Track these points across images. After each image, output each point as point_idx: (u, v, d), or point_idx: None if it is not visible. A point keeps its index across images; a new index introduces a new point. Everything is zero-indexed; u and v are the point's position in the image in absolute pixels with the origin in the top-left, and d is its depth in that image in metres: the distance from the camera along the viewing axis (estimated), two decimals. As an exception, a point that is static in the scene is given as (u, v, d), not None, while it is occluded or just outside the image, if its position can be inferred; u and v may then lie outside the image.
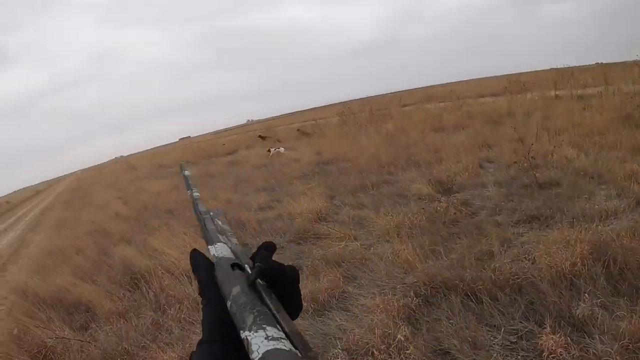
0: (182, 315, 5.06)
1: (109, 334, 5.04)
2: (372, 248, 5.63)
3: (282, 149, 18.47)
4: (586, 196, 5.79)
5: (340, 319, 4.11)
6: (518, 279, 3.95)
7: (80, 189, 34.70)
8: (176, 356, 4.17)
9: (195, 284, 5.40)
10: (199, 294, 0.71)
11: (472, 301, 3.80)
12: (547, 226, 5.15)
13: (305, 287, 4.70)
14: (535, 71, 38.26)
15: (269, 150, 18.38)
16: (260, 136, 29.61)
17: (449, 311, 3.73)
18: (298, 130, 25.34)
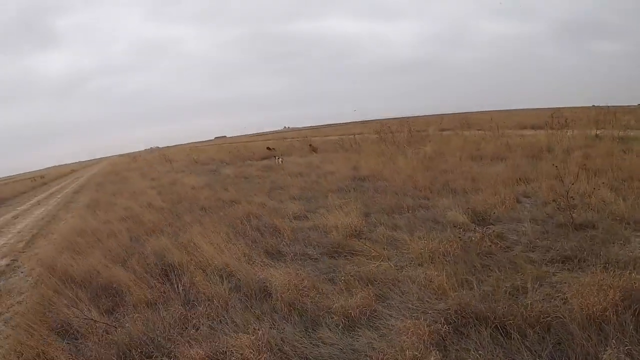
0: (212, 313, 5.13)
1: (136, 321, 5.10)
2: (404, 270, 5.68)
3: (281, 160, 20.96)
4: (621, 242, 5.74)
5: (371, 337, 4.18)
6: (548, 317, 3.97)
7: (114, 174, 35.09)
8: (203, 353, 4.22)
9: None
10: None
11: (502, 335, 3.84)
12: (580, 268, 5.12)
13: (337, 301, 4.80)
14: (577, 107, 37.86)
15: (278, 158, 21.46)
16: (268, 148, 30.21)
17: (478, 342, 3.78)
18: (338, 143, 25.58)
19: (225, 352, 4.19)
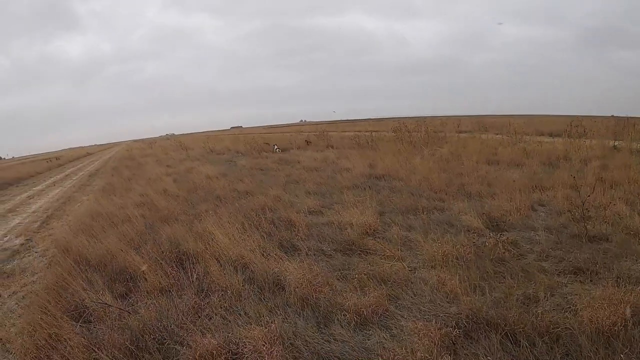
0: (225, 304, 5.18)
1: (150, 308, 5.15)
2: (417, 271, 5.73)
3: (278, 150, 24.27)
4: (634, 257, 5.72)
5: (382, 337, 4.23)
6: (558, 328, 4.00)
7: (130, 159, 35.30)
8: (216, 342, 4.26)
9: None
10: None
11: (511, 343, 3.87)
12: (591, 281, 5.12)
13: (350, 299, 4.85)
14: (596, 116, 37.57)
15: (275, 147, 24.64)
16: (266, 143, 30.51)
17: (488, 348, 3.81)
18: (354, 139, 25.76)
19: (238, 343, 4.24)
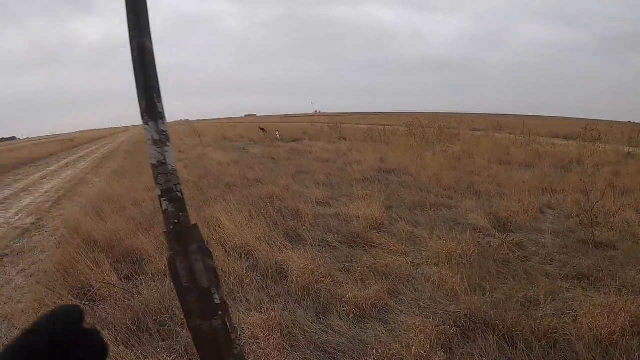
0: (227, 289, 5.24)
1: (153, 290, 5.23)
2: (419, 267, 5.73)
3: (279, 135, 24.87)
4: (640, 267, 5.72)
5: (379, 331, 4.25)
6: (556, 333, 3.98)
7: (142, 143, 35.41)
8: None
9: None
10: None
11: (508, 345, 3.86)
12: (594, 287, 5.09)
13: (351, 291, 4.87)
14: (612, 122, 37.36)
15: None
16: (261, 128, 30.72)
17: (484, 349, 3.81)
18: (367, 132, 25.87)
19: (236, 328, 4.26)
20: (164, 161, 1.24)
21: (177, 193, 1.23)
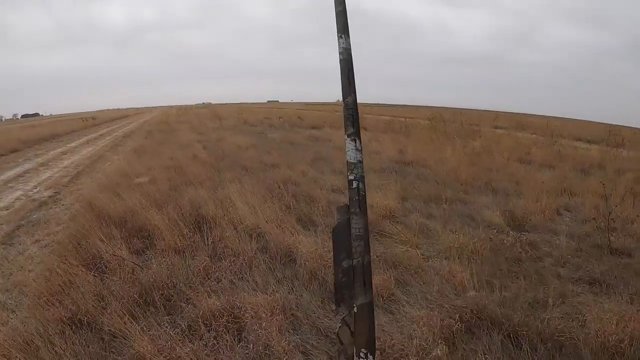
0: (235, 269, 5.26)
1: (162, 265, 5.29)
2: (430, 260, 5.69)
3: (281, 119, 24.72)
4: (654, 275, 5.58)
5: (383, 320, 4.23)
6: (562, 336, 3.91)
7: (164, 123, 35.78)
8: (219, 304, 4.34)
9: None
10: None
11: (512, 344, 3.80)
12: (605, 294, 4.99)
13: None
14: (638, 128, 36.84)
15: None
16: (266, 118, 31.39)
17: (487, 346, 3.75)
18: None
19: (241, 307, 4.28)
20: (361, 160, 1.76)
21: (362, 181, 1.73)
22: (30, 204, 9.98)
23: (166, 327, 4.10)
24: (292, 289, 4.82)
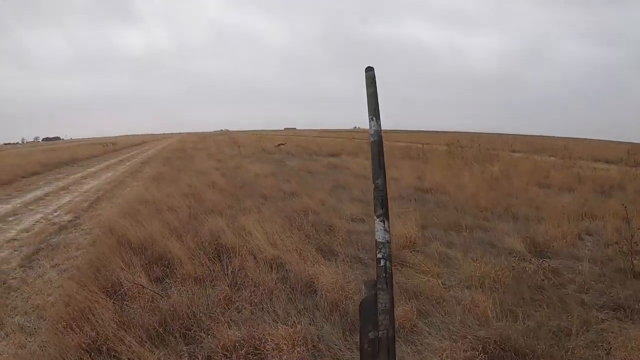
0: (256, 299, 5.23)
1: (182, 294, 5.27)
2: (451, 290, 5.64)
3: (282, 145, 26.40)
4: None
5: (405, 352, 4.19)
6: (587, 366, 3.87)
7: (182, 151, 36.16)
8: (240, 335, 4.32)
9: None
10: None
11: (537, 376, 3.76)
12: (631, 319, 4.91)
13: None
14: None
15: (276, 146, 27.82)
16: (280, 144, 31.50)
17: (512, 378, 3.72)
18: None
19: (261, 339, 4.27)
20: (389, 240, 1.86)
21: (389, 259, 1.84)
22: (50, 227, 10.10)
23: (185, 357, 4.13)
24: (313, 320, 4.77)
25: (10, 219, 11.32)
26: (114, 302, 5.09)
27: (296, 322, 4.57)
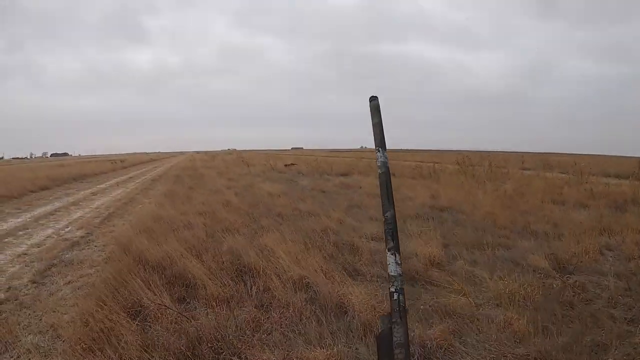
0: (285, 321, 5.13)
1: (208, 316, 5.18)
2: (481, 308, 5.61)
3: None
4: None
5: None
6: (630, 379, 3.87)
7: (192, 169, 36.37)
8: (275, 358, 4.27)
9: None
10: None
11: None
12: (662, 330, 4.91)
13: (414, 330, 4.70)
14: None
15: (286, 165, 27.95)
16: (291, 164, 31.71)
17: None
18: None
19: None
20: (401, 273, 1.98)
21: (402, 293, 1.96)
22: (61, 243, 10.12)
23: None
24: (348, 342, 4.71)
25: (21, 233, 11.39)
26: (137, 324, 4.99)
27: (332, 344, 4.53)
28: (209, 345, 4.58)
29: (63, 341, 4.93)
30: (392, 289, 1.96)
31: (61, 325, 5.29)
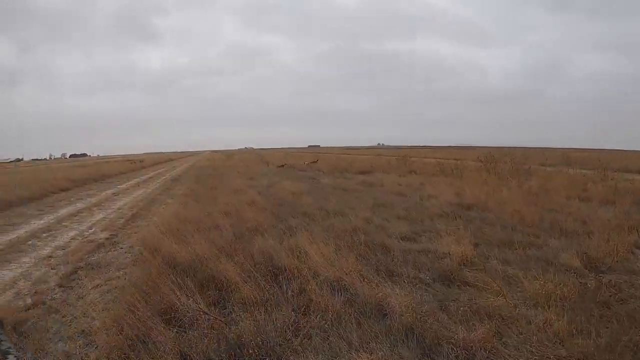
0: (325, 325, 5.03)
1: (247, 320, 5.02)
2: (518, 309, 5.55)
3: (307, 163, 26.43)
4: None
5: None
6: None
7: (211, 168, 36.42)
8: None
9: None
10: None
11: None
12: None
13: (457, 333, 4.70)
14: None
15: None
16: (313, 161, 31.78)
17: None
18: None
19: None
20: None
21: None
22: (86, 245, 10.15)
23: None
24: (392, 346, 4.61)
25: (44, 235, 11.47)
26: (173, 329, 4.92)
27: (376, 348, 4.47)
28: (249, 351, 4.46)
29: (95, 348, 4.90)
30: None
31: (93, 331, 5.27)
